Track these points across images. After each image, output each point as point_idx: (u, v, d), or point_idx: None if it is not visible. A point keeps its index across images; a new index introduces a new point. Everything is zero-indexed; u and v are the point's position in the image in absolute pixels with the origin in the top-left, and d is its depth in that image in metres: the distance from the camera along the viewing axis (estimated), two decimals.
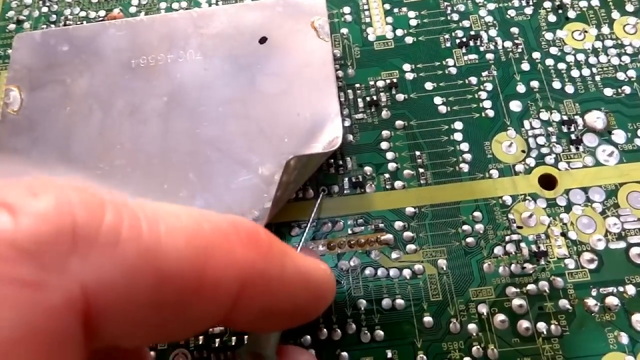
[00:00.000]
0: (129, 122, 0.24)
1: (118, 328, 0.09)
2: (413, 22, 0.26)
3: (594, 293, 0.20)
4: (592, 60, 0.24)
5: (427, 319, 0.20)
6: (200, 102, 0.24)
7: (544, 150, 0.22)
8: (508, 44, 0.25)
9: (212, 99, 0.24)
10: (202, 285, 0.10)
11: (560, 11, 0.26)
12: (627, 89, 0.23)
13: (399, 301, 0.20)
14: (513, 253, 0.21)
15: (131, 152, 0.23)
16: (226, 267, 0.11)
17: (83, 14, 0.28)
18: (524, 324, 0.19)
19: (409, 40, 0.26)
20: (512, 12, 0.26)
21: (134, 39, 0.26)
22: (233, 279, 0.11)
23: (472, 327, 0.20)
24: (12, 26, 0.28)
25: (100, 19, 0.28)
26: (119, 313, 0.09)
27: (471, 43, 0.25)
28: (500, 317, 0.20)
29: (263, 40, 0.25)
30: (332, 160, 0.23)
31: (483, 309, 0.20)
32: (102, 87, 0.25)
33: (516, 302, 0.20)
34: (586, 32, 0.25)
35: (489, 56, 0.25)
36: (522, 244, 0.21)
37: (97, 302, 0.09)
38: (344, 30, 0.26)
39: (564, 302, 0.19)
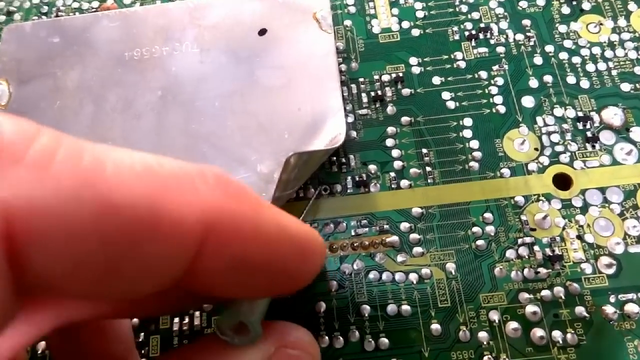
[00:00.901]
0: (121, 117, 0.23)
1: (54, 262, 0.08)
2: (420, 14, 0.25)
3: (612, 300, 0.19)
4: (609, 53, 0.23)
5: (435, 326, 0.19)
6: (197, 96, 0.23)
7: (559, 148, 0.21)
8: (520, 36, 0.24)
9: (208, 93, 0.23)
10: (158, 221, 0.09)
11: (574, 3, 0.24)
12: None
13: (405, 307, 0.19)
14: (526, 257, 0.20)
15: (123, 147, 0.22)
16: (189, 205, 0.10)
17: (76, 4, 0.27)
18: (538, 332, 0.18)
19: (415, 32, 0.24)
20: (523, 4, 0.25)
21: (128, 31, 0.24)
22: (196, 219, 0.10)
23: (482, 335, 0.19)
24: (2, 17, 0.27)
25: (94, 10, 0.27)
26: (53, 241, 0.08)
27: (481, 36, 0.24)
28: (513, 324, 0.19)
29: (263, 32, 0.24)
30: (335, 158, 0.22)
31: (494, 316, 0.19)
32: (94, 81, 0.24)
33: (530, 308, 0.19)
34: (602, 24, 0.24)
35: (500, 49, 0.24)
36: (536, 247, 0.20)
37: (22, 225, 0.08)
38: (348, 22, 0.25)
39: (580, 309, 0.19)
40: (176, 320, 0.20)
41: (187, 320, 0.20)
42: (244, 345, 0.13)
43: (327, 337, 0.19)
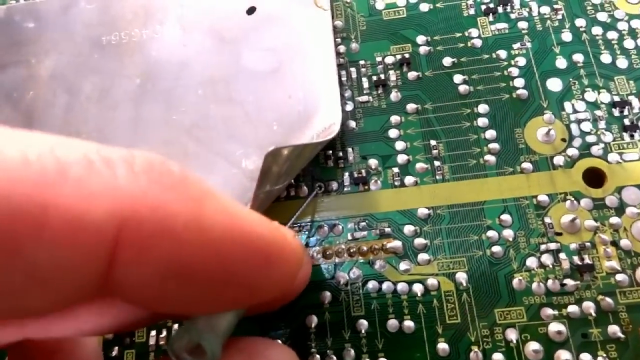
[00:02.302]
0: (96, 107, 0.21)
1: None
2: None
3: None
4: None
5: (442, 345, 0.17)
6: (178, 83, 0.21)
7: (590, 138, 0.19)
8: (545, 9, 0.21)
9: (191, 79, 0.21)
10: (43, 217, 0.07)
11: None
12: None
13: (408, 323, 0.17)
14: (550, 266, 0.17)
15: (98, 141, 0.20)
16: (93, 196, 0.08)
17: None
18: (563, 355, 0.16)
19: (424, 7, 0.22)
20: None
21: (106, 13, 0.22)
22: (105, 214, 0.08)
23: (497, 357, 0.17)
24: None
25: None
26: None
27: (500, 9, 0.21)
28: (534, 345, 0.16)
29: (251, 10, 0.21)
30: (331, 152, 0.20)
31: (512, 334, 0.16)
32: (69, 68, 0.22)
33: (554, 327, 0.16)
34: None
35: (522, 25, 0.21)
36: (562, 255, 0.17)
37: None
38: None
39: (614, 329, 0.16)
40: (152, 333, 0.18)
41: (164, 334, 0.18)
42: None
43: (318, 356, 0.17)
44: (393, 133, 0.20)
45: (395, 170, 0.19)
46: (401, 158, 0.19)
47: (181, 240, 0.08)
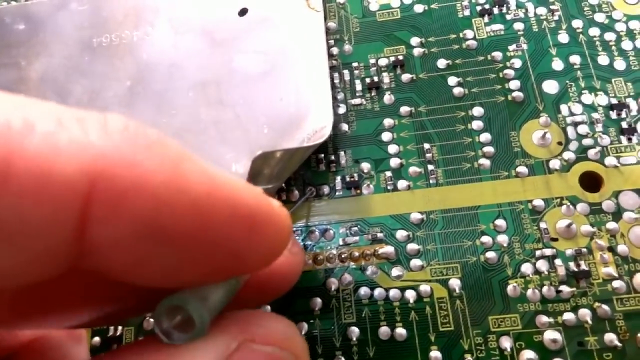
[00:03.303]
0: (87, 110, 0.21)
1: None
2: None
3: None
4: None
5: (435, 353, 0.16)
6: (169, 86, 0.20)
7: (587, 141, 0.18)
8: (542, 10, 0.21)
9: (182, 82, 0.20)
10: (8, 171, 0.07)
11: None
12: None
13: (400, 330, 0.17)
14: (545, 272, 0.17)
15: None
16: (62, 149, 0.07)
17: None
18: None
19: (418, 8, 0.21)
20: None
21: (97, 14, 0.22)
22: (75, 168, 0.07)
23: None
24: None
25: None
26: None
27: (495, 10, 0.21)
28: (529, 354, 0.16)
29: (243, 12, 0.21)
30: (323, 155, 0.19)
31: (506, 343, 0.16)
32: (60, 71, 0.22)
33: (549, 335, 0.16)
34: None
35: (518, 26, 0.20)
36: (558, 261, 0.17)
37: None
38: None
39: (610, 337, 0.16)
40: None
41: None
42: (188, 343, 0.09)
43: None
44: (386, 136, 0.19)
45: (388, 174, 0.19)
46: (394, 162, 0.19)
47: (158, 199, 0.08)
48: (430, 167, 0.19)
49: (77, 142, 0.07)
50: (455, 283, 0.17)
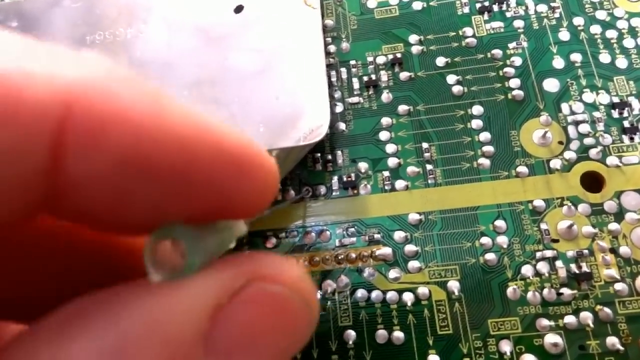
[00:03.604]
0: None
1: None
2: None
3: None
4: None
5: (433, 357, 0.16)
6: (163, 84, 0.20)
7: (588, 141, 0.18)
8: (542, 7, 0.20)
9: (176, 80, 0.20)
10: None
11: None
12: None
13: (398, 334, 0.16)
14: (546, 274, 0.16)
15: None
16: (32, 73, 0.07)
17: None
18: None
19: (417, 5, 0.21)
20: None
21: (91, 12, 0.22)
22: (48, 92, 0.07)
23: None
24: None
25: None
26: None
27: (495, 7, 0.21)
28: (529, 358, 0.16)
29: (239, 9, 0.21)
30: (319, 155, 0.19)
31: (506, 346, 0.16)
32: None
33: (550, 338, 0.16)
34: None
35: (518, 23, 0.20)
36: (559, 263, 0.17)
37: None
38: None
39: (613, 341, 0.16)
40: None
41: None
42: (186, 278, 0.08)
43: None
44: (384, 135, 0.19)
45: (386, 174, 0.19)
46: (392, 161, 0.19)
47: (140, 132, 0.07)
48: (429, 166, 0.18)
49: (49, 67, 0.07)
50: (454, 285, 0.17)
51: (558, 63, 0.19)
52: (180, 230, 0.08)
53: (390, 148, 0.19)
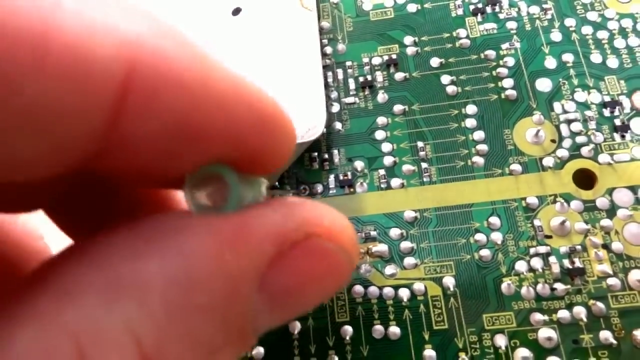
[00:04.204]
0: None
1: None
2: None
3: None
4: None
5: (429, 352, 0.16)
6: None
7: (580, 139, 0.18)
8: (534, 9, 0.20)
9: None
10: (46, 51, 0.06)
11: None
12: None
13: (394, 329, 0.16)
14: (540, 270, 0.17)
15: None
16: (97, 31, 0.07)
17: None
18: None
19: (411, 7, 0.21)
20: None
21: None
22: (113, 53, 0.07)
23: None
24: None
25: None
26: None
27: (488, 9, 0.21)
28: (523, 352, 0.16)
29: (236, 11, 0.21)
30: (316, 154, 0.19)
31: (501, 341, 0.16)
32: None
33: (544, 333, 0.16)
34: None
35: (511, 25, 0.20)
36: (552, 259, 0.17)
37: None
38: None
39: (606, 335, 0.16)
40: None
41: None
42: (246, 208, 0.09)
43: None
44: (379, 135, 0.19)
45: (382, 172, 0.19)
46: (388, 160, 0.19)
47: (191, 96, 0.07)
48: (424, 165, 0.19)
49: (109, 24, 0.07)
50: (449, 281, 0.17)
51: (550, 63, 0.20)
52: (224, 168, 0.09)
53: (386, 147, 0.19)
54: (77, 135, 0.07)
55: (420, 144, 0.19)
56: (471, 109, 0.19)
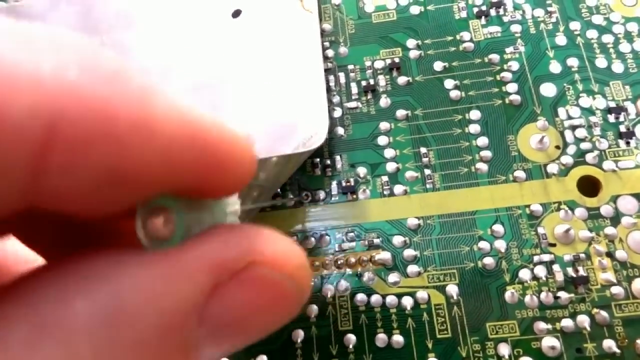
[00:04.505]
0: None
1: None
2: None
3: None
4: None
5: None
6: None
7: (585, 145, 0.18)
8: (539, 12, 0.20)
9: (174, 85, 0.20)
10: None
11: None
12: None
13: (397, 337, 0.16)
14: (543, 278, 0.17)
15: None
16: (8, 85, 0.06)
17: None
18: None
19: (415, 10, 0.21)
20: None
21: (88, 16, 0.22)
22: (28, 109, 0.06)
23: None
24: None
25: None
26: None
27: (492, 12, 0.21)
28: None
29: (237, 13, 0.21)
30: (318, 160, 0.19)
31: (504, 349, 0.16)
32: None
33: (547, 341, 0.16)
34: None
35: (515, 28, 0.20)
36: (556, 267, 0.17)
37: None
38: (336, 0, 0.22)
39: (609, 343, 0.16)
40: None
41: None
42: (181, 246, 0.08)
43: None
44: (382, 140, 0.19)
45: (385, 178, 0.19)
46: (390, 166, 0.19)
47: (126, 144, 0.07)
48: (427, 171, 0.19)
49: (27, 75, 0.06)
50: (452, 289, 0.17)
51: (555, 68, 0.19)
52: (170, 200, 0.08)
53: (389, 153, 0.19)
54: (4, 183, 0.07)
55: (423, 150, 0.19)
56: (475, 114, 0.19)
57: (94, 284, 0.07)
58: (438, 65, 0.20)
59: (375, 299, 0.17)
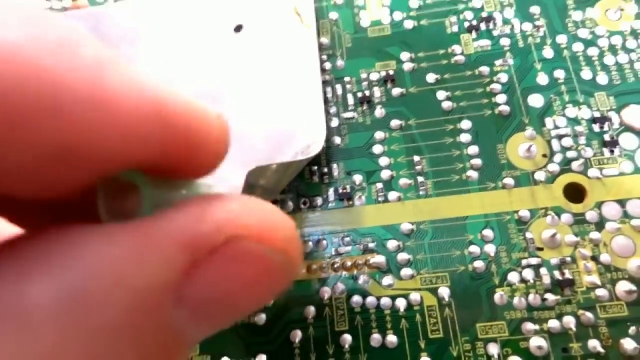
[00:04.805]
0: None
1: None
2: (414, 4, 0.22)
3: (632, 332, 0.16)
4: (631, 44, 0.20)
5: None
6: None
7: (571, 154, 0.19)
8: (527, 26, 0.21)
9: None
10: None
11: None
12: None
13: (391, 338, 0.17)
14: (531, 281, 0.17)
15: None
16: None
17: (47, 4, 0.25)
18: None
19: (408, 24, 0.22)
20: None
21: (95, 30, 0.23)
22: None
23: None
24: None
25: (65, 9, 0.25)
26: None
27: (482, 26, 0.21)
28: None
29: (238, 28, 0.22)
30: (316, 168, 0.20)
31: (493, 349, 0.16)
32: None
33: (535, 342, 0.17)
34: (622, 9, 0.21)
35: (504, 42, 0.21)
36: (543, 270, 0.17)
37: None
38: (333, 15, 0.23)
39: (594, 343, 0.16)
40: None
41: None
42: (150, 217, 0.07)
43: None
44: (377, 149, 0.20)
45: (379, 185, 0.19)
46: (385, 174, 0.20)
47: (72, 119, 0.06)
48: (420, 178, 0.19)
49: None
50: (444, 291, 0.18)
51: (542, 79, 0.20)
52: (136, 175, 0.08)
53: (384, 161, 0.20)
54: None
55: (416, 158, 0.20)
56: (466, 124, 0.20)
57: (55, 263, 0.06)
58: (431, 77, 0.21)
59: (370, 300, 0.18)
